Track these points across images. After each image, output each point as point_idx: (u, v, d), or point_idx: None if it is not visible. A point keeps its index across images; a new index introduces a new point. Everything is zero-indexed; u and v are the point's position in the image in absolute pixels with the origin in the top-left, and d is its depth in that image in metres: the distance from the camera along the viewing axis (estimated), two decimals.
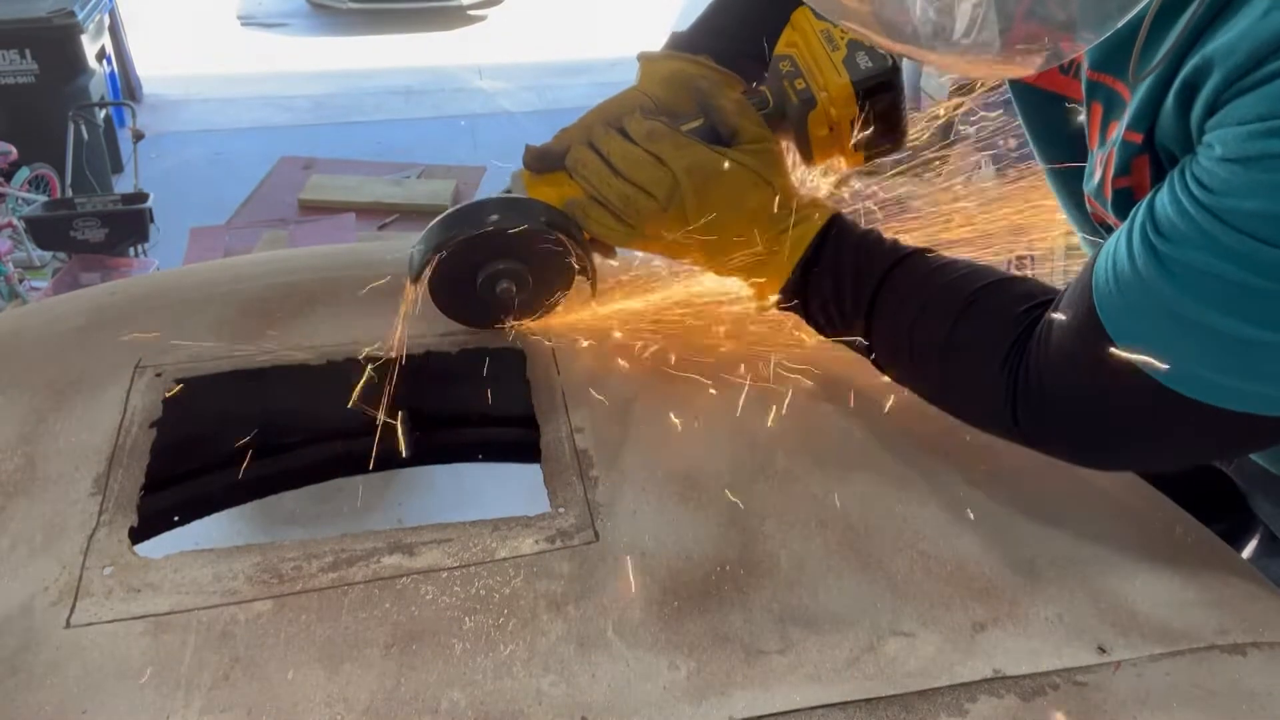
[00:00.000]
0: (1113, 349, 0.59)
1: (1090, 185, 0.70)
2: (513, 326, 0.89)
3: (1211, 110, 0.53)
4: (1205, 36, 0.54)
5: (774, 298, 0.81)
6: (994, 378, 0.68)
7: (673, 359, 0.87)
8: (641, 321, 0.92)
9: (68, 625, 0.62)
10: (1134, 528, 0.73)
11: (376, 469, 1.04)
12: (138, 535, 0.70)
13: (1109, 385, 0.60)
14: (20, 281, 3.17)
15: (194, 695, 0.58)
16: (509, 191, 0.84)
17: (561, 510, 0.72)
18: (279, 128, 5.16)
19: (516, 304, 0.85)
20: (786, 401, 0.83)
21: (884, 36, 0.56)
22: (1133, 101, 0.61)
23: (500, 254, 0.82)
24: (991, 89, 0.99)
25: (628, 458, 0.77)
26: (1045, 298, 0.68)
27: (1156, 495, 0.77)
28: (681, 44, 0.88)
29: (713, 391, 0.84)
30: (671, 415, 0.81)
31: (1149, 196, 0.58)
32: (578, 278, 0.86)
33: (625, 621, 0.64)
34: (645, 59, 0.87)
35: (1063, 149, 0.76)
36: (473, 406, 0.95)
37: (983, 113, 1.08)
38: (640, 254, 0.92)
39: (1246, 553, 0.96)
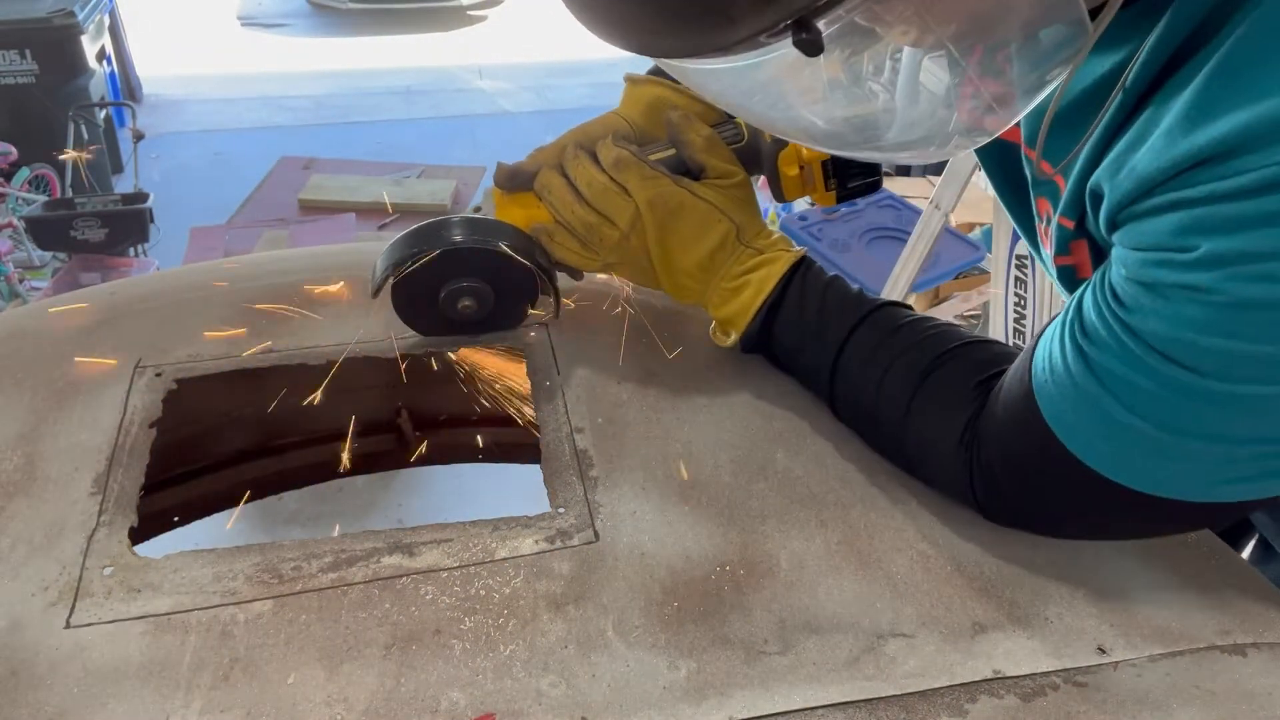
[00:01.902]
0: (1050, 435, 0.61)
1: (1043, 254, 0.71)
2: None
3: (1112, 225, 0.55)
4: (1113, 143, 0.55)
5: (734, 337, 0.82)
6: (952, 454, 0.69)
7: (674, 358, 0.87)
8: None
9: (67, 625, 0.62)
10: None
11: (376, 469, 1.04)
12: (138, 535, 0.70)
13: (1050, 468, 0.63)
14: (20, 281, 3.16)
15: (194, 695, 0.58)
16: (479, 209, 0.85)
17: (561, 510, 0.72)
18: (279, 128, 5.16)
19: (478, 322, 0.86)
20: (787, 401, 0.83)
21: (828, 147, 0.59)
22: (1066, 190, 0.62)
23: (462, 273, 0.83)
24: None
25: (628, 458, 0.77)
26: (1004, 366, 0.69)
27: None
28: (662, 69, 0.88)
29: (713, 391, 0.84)
30: (672, 416, 0.81)
31: (1077, 295, 0.60)
32: (541, 298, 0.87)
33: (625, 622, 0.64)
34: (630, 81, 0.88)
35: (1018, 197, 0.76)
36: (473, 406, 0.95)
37: None
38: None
39: (1243, 556, 0.96)
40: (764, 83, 0.52)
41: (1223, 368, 0.51)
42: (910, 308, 0.79)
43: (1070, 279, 0.66)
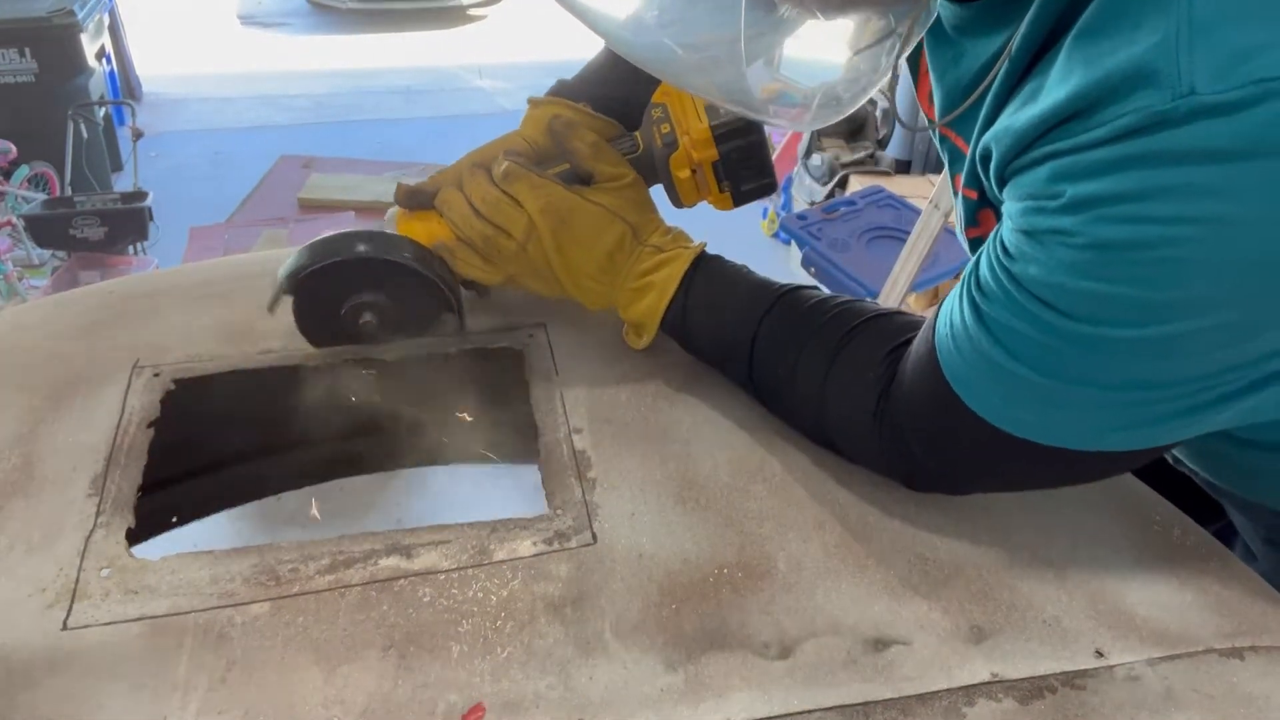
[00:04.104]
0: (951, 392, 0.62)
1: (959, 229, 0.73)
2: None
3: (1001, 182, 0.58)
4: (1002, 110, 0.58)
5: (646, 339, 0.83)
6: (868, 425, 0.70)
7: (673, 359, 0.87)
8: None
9: (64, 627, 0.62)
10: (1132, 531, 0.73)
11: (376, 469, 1.04)
12: (135, 536, 0.70)
13: (952, 426, 0.64)
14: (19, 280, 3.16)
15: (191, 697, 0.58)
16: (381, 228, 0.85)
17: (559, 512, 0.72)
18: (279, 127, 5.15)
19: (378, 337, 0.86)
20: None
21: (732, 105, 0.60)
22: (966, 161, 0.65)
23: (363, 286, 0.83)
24: None
25: (626, 459, 0.77)
26: (911, 334, 0.70)
27: (1155, 498, 0.77)
28: (565, 90, 0.90)
29: (712, 392, 0.84)
30: (670, 417, 0.81)
31: (975, 255, 0.62)
32: (445, 315, 0.87)
33: (623, 624, 0.64)
34: (531, 103, 0.89)
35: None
36: (471, 407, 0.95)
37: None
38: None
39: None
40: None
41: (1092, 311, 0.53)
42: (817, 288, 0.80)
43: None
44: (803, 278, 2.90)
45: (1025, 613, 0.66)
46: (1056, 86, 0.52)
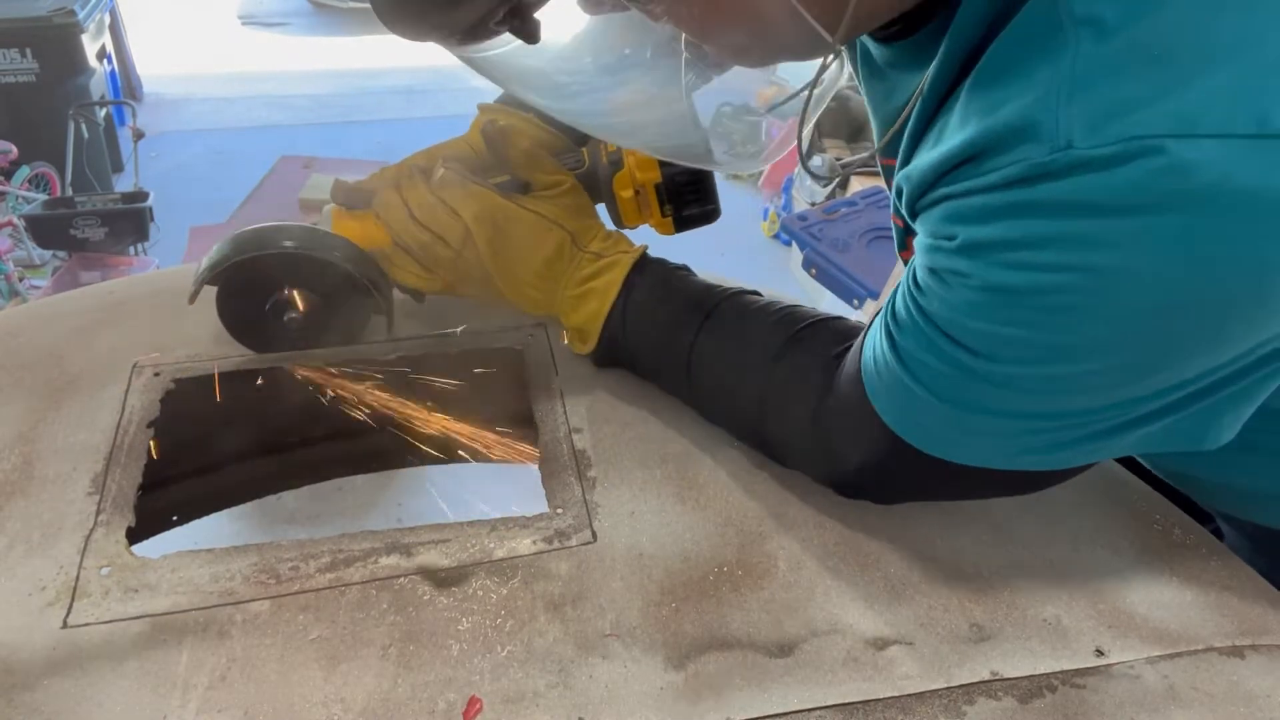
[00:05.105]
0: (874, 411, 0.63)
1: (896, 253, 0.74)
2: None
3: (913, 216, 0.59)
4: (919, 146, 0.59)
5: (591, 345, 0.82)
6: (809, 434, 0.70)
7: None
8: None
9: (64, 625, 0.62)
10: (1132, 530, 0.73)
11: (375, 469, 1.04)
12: (135, 535, 0.70)
13: (878, 442, 0.65)
14: (20, 280, 3.16)
15: (190, 695, 0.58)
16: (317, 224, 0.84)
17: (559, 511, 0.72)
18: (279, 126, 5.15)
19: (303, 335, 0.85)
20: None
21: (605, 135, 0.62)
22: (892, 189, 0.65)
23: (288, 283, 0.82)
24: None
25: (626, 458, 0.77)
26: (848, 342, 0.70)
27: (1155, 497, 0.77)
28: (514, 99, 0.89)
29: None
30: (670, 415, 0.81)
31: (896, 287, 0.63)
32: (375, 317, 0.86)
33: (623, 622, 0.64)
34: (481, 110, 0.88)
35: None
36: (471, 407, 0.95)
37: None
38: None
39: None
40: (538, 70, 0.55)
41: (989, 348, 0.54)
42: (758, 293, 0.79)
43: None
44: (803, 279, 2.90)
45: (1025, 611, 0.66)
46: (954, 132, 0.53)
